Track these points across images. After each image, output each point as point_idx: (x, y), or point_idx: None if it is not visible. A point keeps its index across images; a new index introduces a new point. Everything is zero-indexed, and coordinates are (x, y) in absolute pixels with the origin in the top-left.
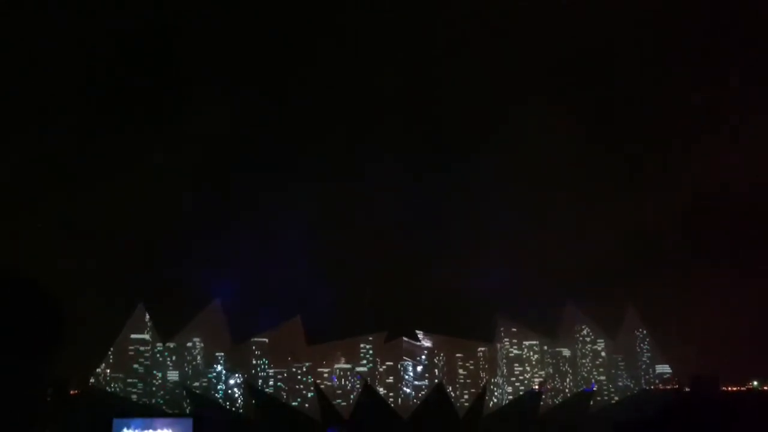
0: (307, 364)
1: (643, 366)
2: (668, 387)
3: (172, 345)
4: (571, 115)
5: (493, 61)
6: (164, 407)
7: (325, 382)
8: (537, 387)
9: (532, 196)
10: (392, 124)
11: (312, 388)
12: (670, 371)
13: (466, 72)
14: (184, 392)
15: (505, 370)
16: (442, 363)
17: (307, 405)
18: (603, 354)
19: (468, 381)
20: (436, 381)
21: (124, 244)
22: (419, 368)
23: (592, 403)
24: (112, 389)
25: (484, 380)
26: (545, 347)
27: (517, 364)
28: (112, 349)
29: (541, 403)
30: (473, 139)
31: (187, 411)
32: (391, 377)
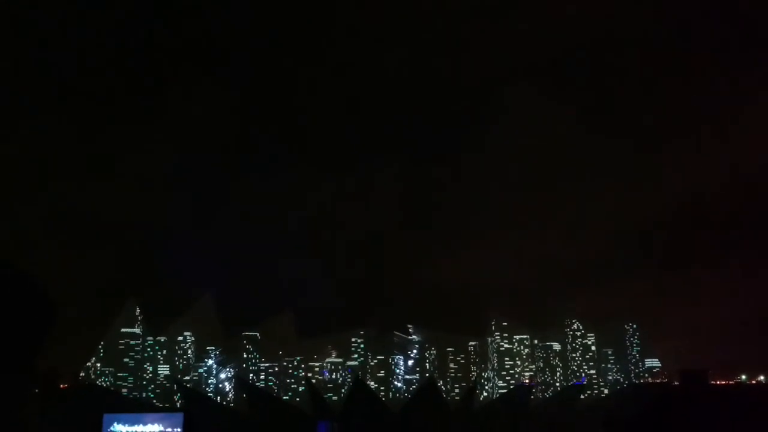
0: (298, 358)
1: (633, 360)
2: (658, 381)
3: (162, 339)
4: (568, 113)
5: (491, 58)
6: (155, 401)
7: (317, 376)
8: (527, 381)
9: (525, 193)
10: (390, 121)
11: (303, 382)
12: (660, 365)
13: (462, 70)
14: (175, 386)
15: (495, 364)
16: (433, 357)
17: (298, 399)
18: (593, 348)
19: (459, 375)
20: (427, 375)
21: (115, 238)
22: (410, 362)
23: (582, 396)
24: (102, 383)
25: (475, 374)
26: (536, 341)
27: (507, 358)
28: (102, 342)
29: (532, 396)
30: (465, 137)
31: (178, 405)
32: (382, 371)
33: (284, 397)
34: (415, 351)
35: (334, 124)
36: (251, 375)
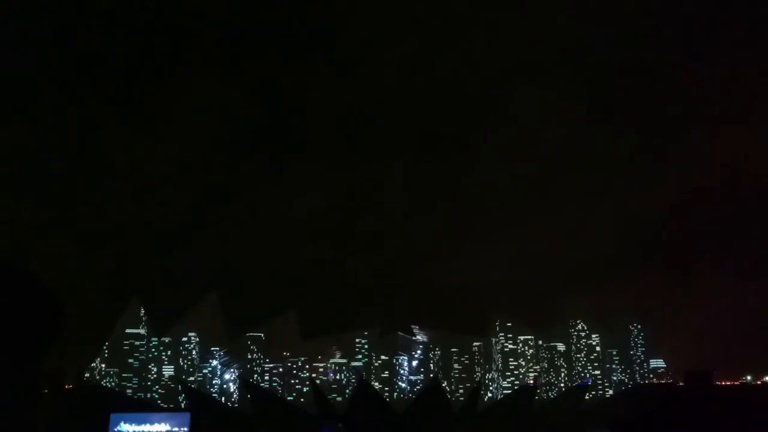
0: (302, 358)
1: (638, 360)
2: (662, 381)
3: (167, 339)
4: (572, 113)
5: (493, 56)
6: (159, 402)
7: (321, 377)
8: (532, 381)
9: (529, 192)
10: (394, 121)
11: (307, 383)
12: (665, 366)
13: (464, 67)
14: (180, 387)
15: (500, 365)
16: (437, 357)
17: (302, 399)
18: (597, 348)
19: (463, 375)
20: (432, 376)
21: (119, 238)
22: (414, 363)
23: (587, 397)
24: (107, 383)
25: (479, 375)
26: (540, 342)
27: (512, 359)
28: (107, 343)
29: (536, 397)
30: (471, 136)
31: (183, 406)
32: (386, 372)
33: (288, 398)
34: (419, 351)
35: (338, 125)
36: (255, 375)
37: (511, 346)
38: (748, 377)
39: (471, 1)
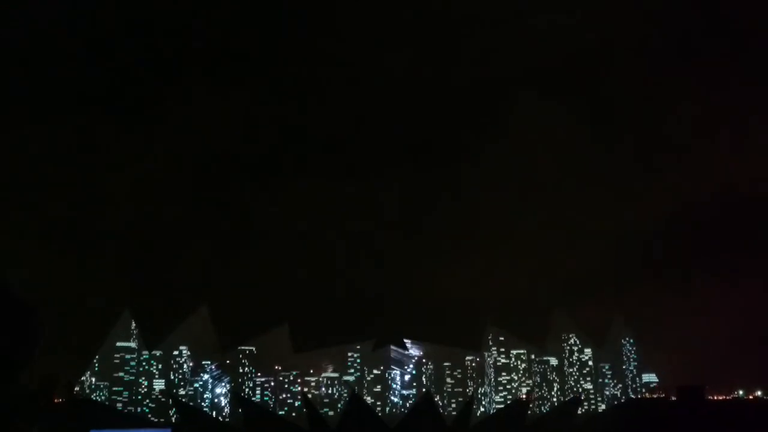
0: (294, 372)
1: (630, 375)
2: (655, 396)
3: (158, 353)
4: (566, 121)
5: (493, 61)
6: (150, 416)
7: (313, 391)
8: (524, 396)
9: (522, 203)
10: (389, 130)
11: (299, 397)
12: (657, 380)
13: (464, 72)
14: (170, 401)
15: (492, 379)
16: (429, 372)
17: (294, 414)
18: (590, 363)
19: (456, 390)
20: (424, 390)
21: (110, 248)
22: (407, 377)
23: (579, 411)
24: (97, 397)
25: (472, 389)
26: (533, 356)
27: (504, 373)
28: (97, 356)
29: (528, 412)
30: (465, 145)
31: (173, 420)
32: (378, 386)
33: (280, 413)
34: (411, 366)
35: (334, 134)
36: (247, 390)
37: (503, 361)
38: (740, 392)
39: (471, 7)
